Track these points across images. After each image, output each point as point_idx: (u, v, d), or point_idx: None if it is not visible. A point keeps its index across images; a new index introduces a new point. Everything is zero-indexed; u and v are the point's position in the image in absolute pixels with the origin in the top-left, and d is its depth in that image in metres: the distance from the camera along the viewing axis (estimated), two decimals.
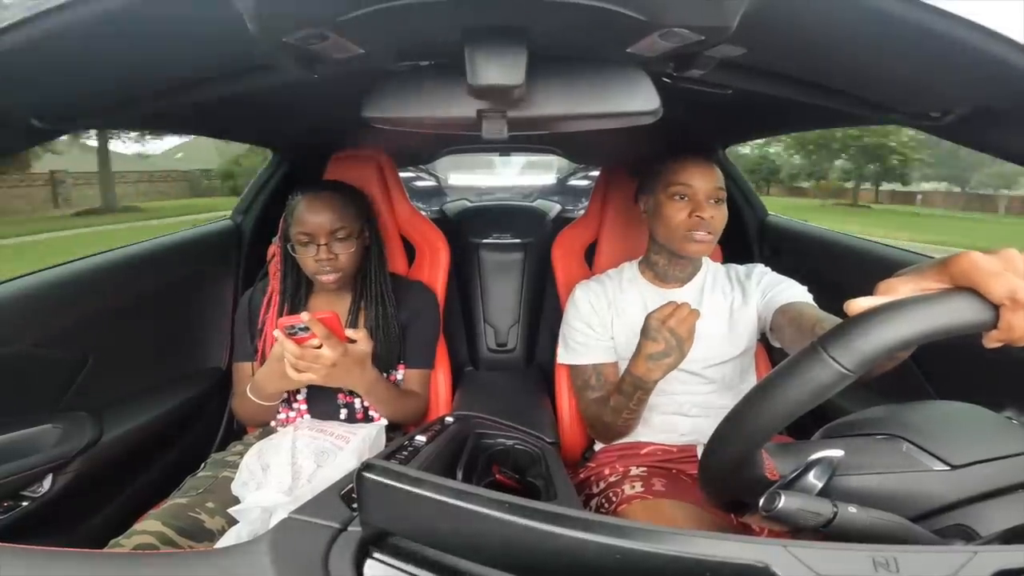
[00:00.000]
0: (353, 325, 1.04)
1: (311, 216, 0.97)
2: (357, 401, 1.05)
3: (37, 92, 0.60)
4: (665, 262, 1.06)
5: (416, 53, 0.54)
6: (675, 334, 0.83)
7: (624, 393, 0.91)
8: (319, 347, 0.84)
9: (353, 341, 0.89)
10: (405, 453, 0.69)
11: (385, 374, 1.06)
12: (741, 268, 1.09)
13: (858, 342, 0.39)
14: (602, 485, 0.98)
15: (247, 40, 0.45)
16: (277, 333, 0.85)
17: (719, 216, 0.97)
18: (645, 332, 0.86)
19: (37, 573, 0.40)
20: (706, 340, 1.02)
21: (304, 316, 0.81)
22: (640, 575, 0.35)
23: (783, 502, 0.44)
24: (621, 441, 1.05)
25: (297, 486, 0.79)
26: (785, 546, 0.34)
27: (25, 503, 0.92)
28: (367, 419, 1.05)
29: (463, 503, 0.38)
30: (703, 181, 0.97)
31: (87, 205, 14.89)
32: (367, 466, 0.42)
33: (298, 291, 1.06)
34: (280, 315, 1.03)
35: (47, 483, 0.94)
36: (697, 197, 0.96)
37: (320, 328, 0.82)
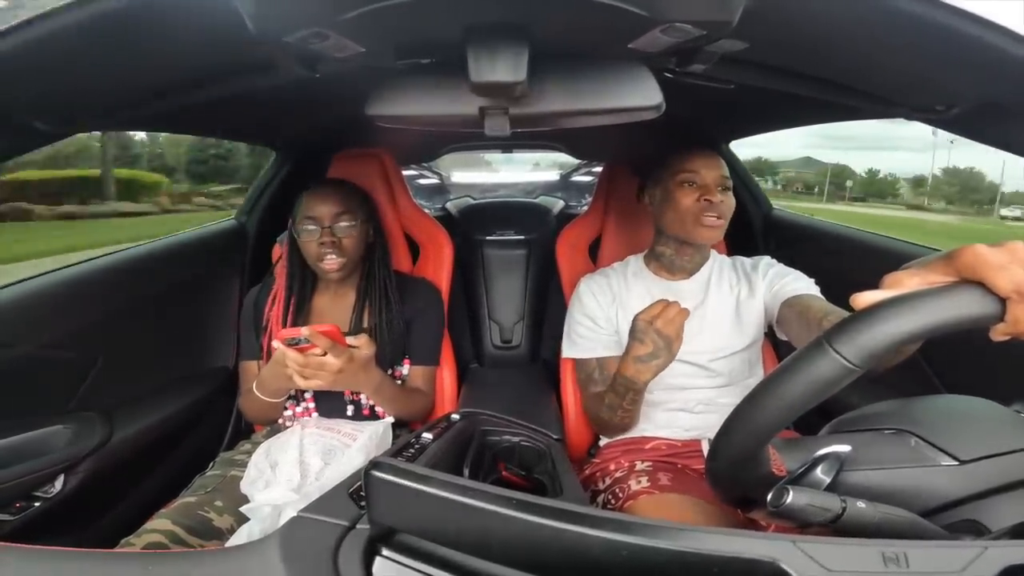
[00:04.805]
0: (357, 321, 1.05)
1: (316, 202, 1.00)
2: (363, 397, 1.05)
3: (38, 94, 0.61)
4: (672, 252, 1.05)
5: (417, 51, 0.54)
6: (662, 335, 0.81)
7: (617, 393, 0.91)
8: (323, 354, 0.84)
9: (355, 347, 0.89)
10: (412, 451, 0.69)
11: (389, 370, 1.07)
12: (748, 260, 1.09)
13: (864, 337, 0.39)
14: (608, 481, 0.98)
15: (248, 40, 0.45)
16: (277, 344, 0.85)
17: (727, 202, 0.98)
18: (632, 333, 0.85)
19: (49, 573, 0.40)
20: (713, 332, 1.02)
21: (304, 331, 0.81)
22: (647, 571, 0.35)
23: (791, 498, 0.44)
24: (625, 436, 1.05)
25: (305, 484, 0.80)
26: (794, 542, 0.34)
27: (37, 503, 0.93)
28: (373, 415, 1.06)
29: (470, 500, 0.38)
30: (710, 169, 0.98)
31: None
32: (374, 464, 0.42)
33: (303, 288, 1.07)
34: (285, 312, 1.04)
35: (58, 483, 0.95)
36: (705, 182, 0.98)
37: (323, 340, 0.82)
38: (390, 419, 1.01)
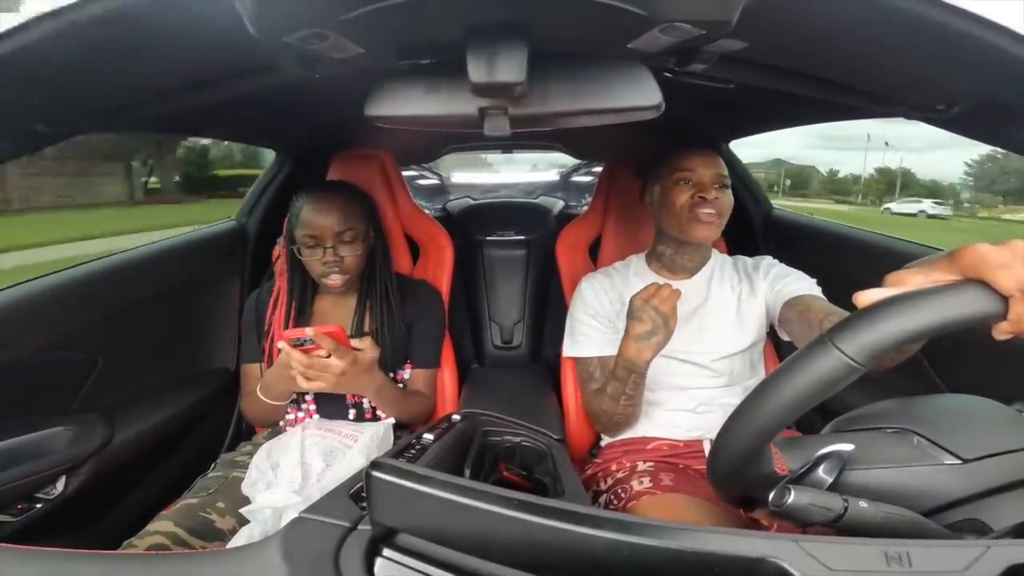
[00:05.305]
0: (359, 325, 1.05)
1: (317, 218, 0.96)
2: (366, 401, 1.05)
3: (41, 95, 0.61)
4: (673, 251, 1.06)
5: (417, 51, 0.54)
6: (660, 312, 0.84)
7: (619, 379, 0.91)
8: (327, 356, 0.84)
9: (359, 350, 0.89)
10: (413, 451, 0.69)
11: (391, 373, 1.06)
12: (749, 260, 1.09)
13: (867, 334, 0.38)
14: (610, 481, 0.98)
15: (248, 41, 0.45)
16: (282, 345, 0.85)
17: (724, 199, 0.98)
18: (630, 313, 0.87)
19: (51, 575, 0.40)
20: (715, 332, 1.02)
21: (309, 331, 0.81)
22: (649, 571, 0.35)
23: (793, 497, 0.44)
24: (626, 436, 1.05)
25: (307, 485, 0.79)
26: (796, 541, 0.34)
27: (39, 505, 0.93)
28: (375, 418, 1.05)
29: (471, 501, 0.38)
30: (706, 167, 0.98)
31: None
32: (375, 465, 0.42)
33: (304, 292, 1.06)
34: (287, 316, 1.04)
35: (60, 485, 0.95)
36: (701, 180, 0.98)
37: (327, 341, 0.82)
38: (391, 420, 1.01)
